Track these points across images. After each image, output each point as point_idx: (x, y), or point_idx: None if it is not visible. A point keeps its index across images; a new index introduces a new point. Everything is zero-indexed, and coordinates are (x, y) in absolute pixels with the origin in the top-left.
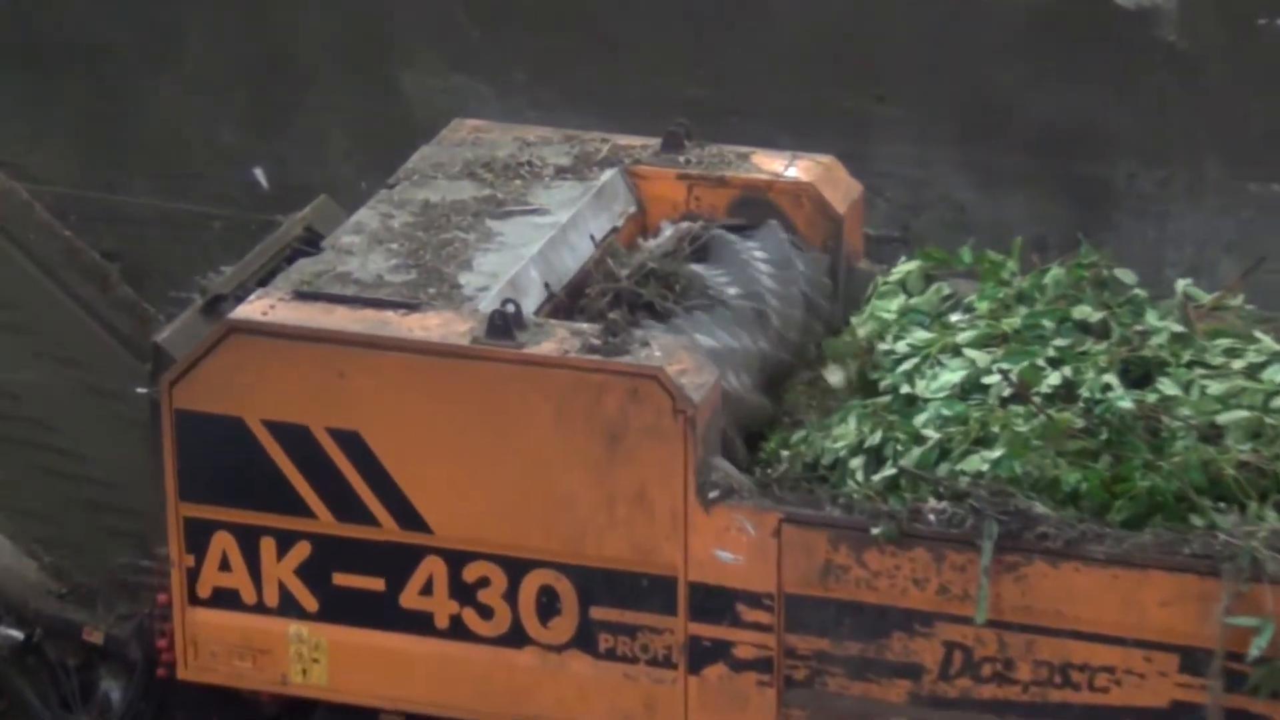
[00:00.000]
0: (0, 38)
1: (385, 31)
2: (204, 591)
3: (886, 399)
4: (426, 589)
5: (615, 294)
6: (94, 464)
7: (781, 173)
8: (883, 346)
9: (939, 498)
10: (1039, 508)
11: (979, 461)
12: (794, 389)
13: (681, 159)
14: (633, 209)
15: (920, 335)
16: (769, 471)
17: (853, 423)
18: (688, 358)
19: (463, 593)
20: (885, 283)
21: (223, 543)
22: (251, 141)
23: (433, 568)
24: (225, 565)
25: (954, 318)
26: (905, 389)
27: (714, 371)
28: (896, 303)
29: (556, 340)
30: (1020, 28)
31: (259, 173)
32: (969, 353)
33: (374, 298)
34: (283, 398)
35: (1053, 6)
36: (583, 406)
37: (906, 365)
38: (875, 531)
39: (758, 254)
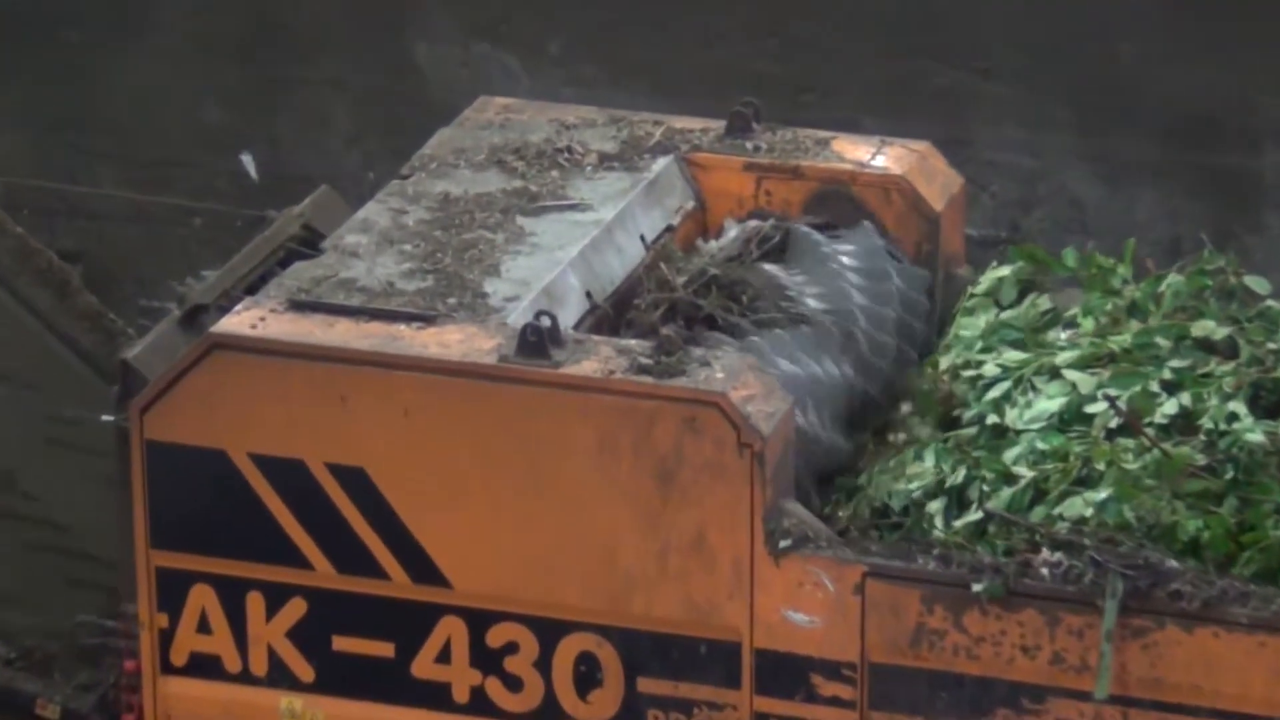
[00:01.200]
0: None
1: None
2: (179, 657)
3: (971, 431)
4: (443, 655)
5: (669, 305)
6: (50, 504)
7: (867, 162)
8: (967, 372)
9: (1035, 547)
10: (1171, 561)
11: (1081, 505)
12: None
13: (749, 145)
14: (691, 204)
15: (1012, 355)
16: (831, 518)
17: (930, 460)
18: (756, 381)
19: (486, 660)
20: (973, 294)
21: (202, 598)
22: (238, 123)
23: (451, 630)
24: (204, 626)
25: (1053, 335)
26: (993, 419)
27: (786, 398)
28: (985, 319)
29: (599, 359)
30: None
31: (247, 159)
32: (1070, 375)
33: (383, 309)
34: (274, 427)
35: None
36: (630, 438)
37: (995, 391)
38: (977, 589)
39: (847, 261)
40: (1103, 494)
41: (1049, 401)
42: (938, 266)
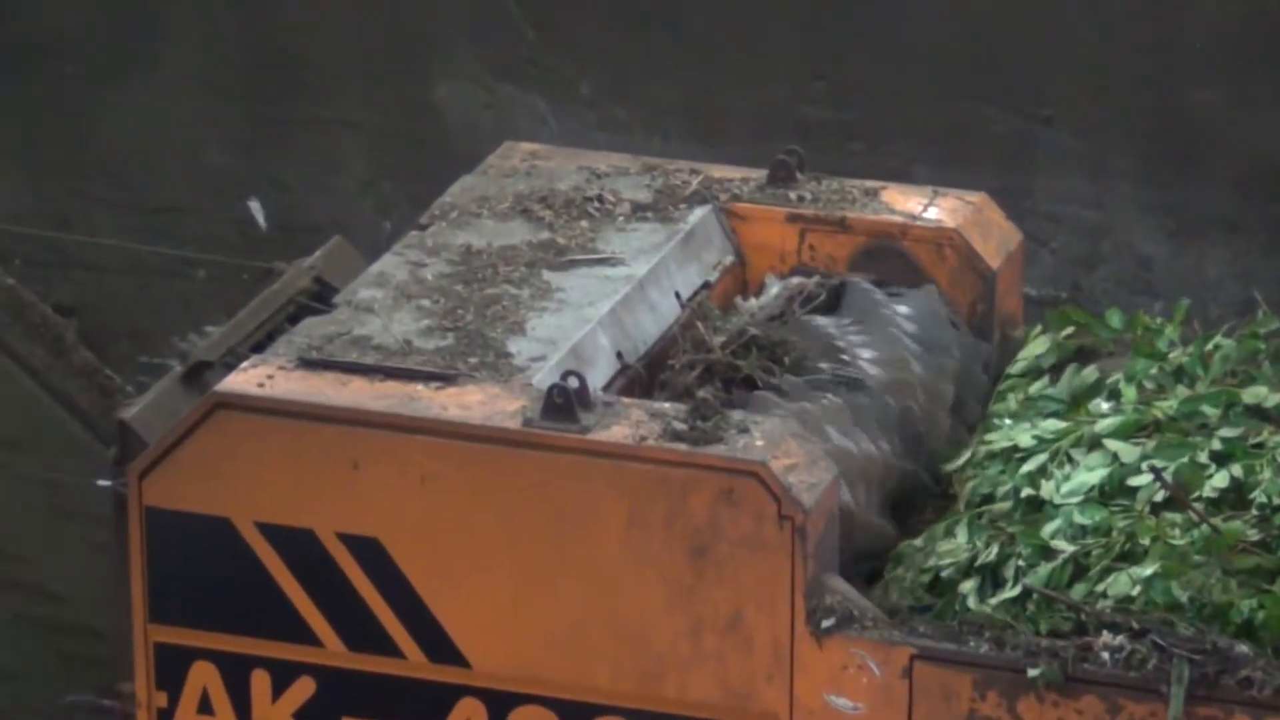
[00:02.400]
0: None
1: (416, 29)
2: None
3: (1006, 505)
4: None
5: (706, 367)
6: (41, 573)
7: (919, 214)
8: (1000, 444)
9: (1081, 628)
10: (1241, 646)
11: (1127, 582)
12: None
13: (792, 195)
14: (729, 259)
15: (1049, 425)
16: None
17: (962, 536)
18: (798, 449)
19: None
20: (1010, 375)
21: (203, 677)
22: (245, 167)
23: (470, 713)
24: (206, 705)
25: (1095, 404)
26: (1028, 491)
27: (830, 468)
28: (1017, 398)
29: (630, 424)
30: (1225, 35)
31: (255, 206)
32: (1111, 445)
33: (400, 367)
34: (282, 493)
35: (1267, 9)
36: (663, 509)
37: (1030, 464)
38: (1034, 674)
39: (908, 326)
40: (1149, 570)
41: (1089, 474)
42: (993, 328)
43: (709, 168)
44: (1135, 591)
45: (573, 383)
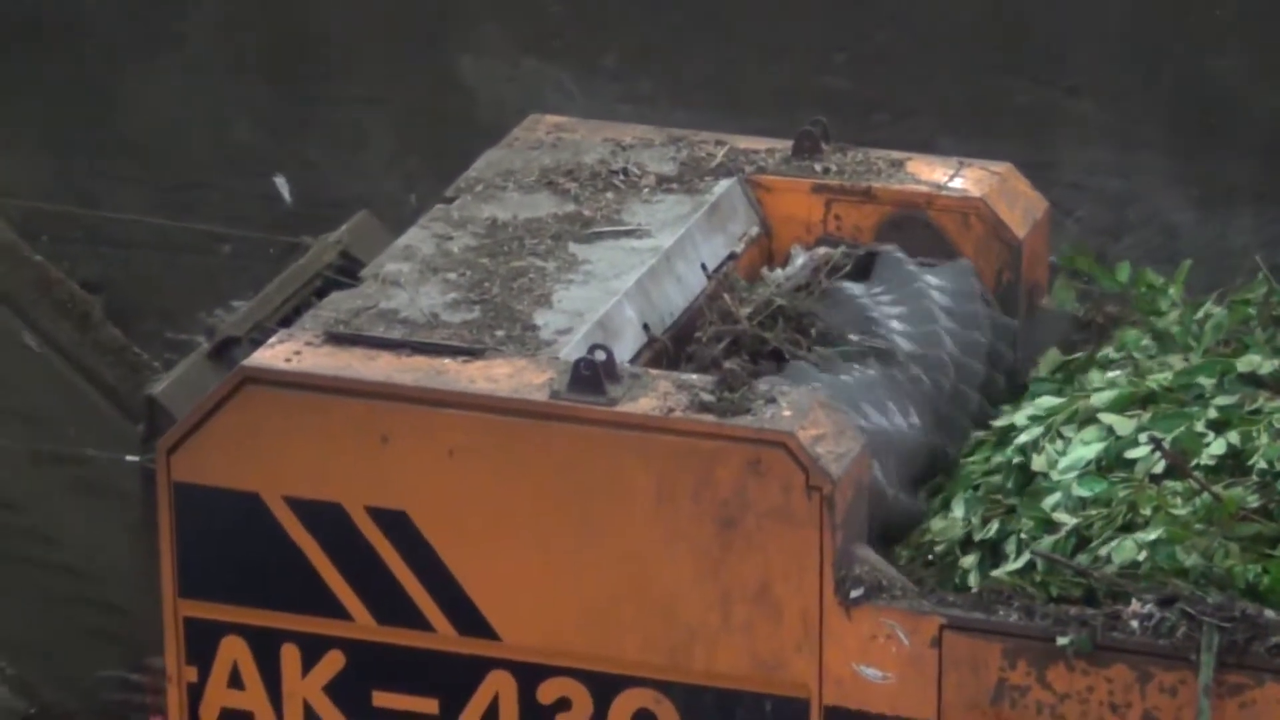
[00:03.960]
0: None
1: (440, 4)
2: (209, 714)
3: (998, 479)
4: (491, 712)
5: (733, 338)
6: (70, 550)
7: (945, 184)
8: (999, 425)
9: (1089, 594)
10: (1270, 612)
11: (1132, 548)
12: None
13: (818, 167)
14: (755, 230)
15: (1044, 402)
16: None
17: (959, 510)
18: (825, 419)
19: (537, 717)
20: (1037, 378)
21: (233, 651)
22: (270, 143)
23: (499, 685)
24: (236, 680)
25: (1091, 376)
26: (1018, 460)
27: (858, 437)
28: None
29: (658, 395)
30: (1250, 3)
31: (280, 182)
32: (1106, 418)
33: (427, 341)
34: (310, 468)
35: None
36: (690, 480)
37: (1024, 437)
38: (1063, 642)
39: (940, 299)
40: (1153, 535)
41: (1085, 448)
42: (1020, 298)
43: (734, 139)
44: (1141, 557)
45: (600, 355)
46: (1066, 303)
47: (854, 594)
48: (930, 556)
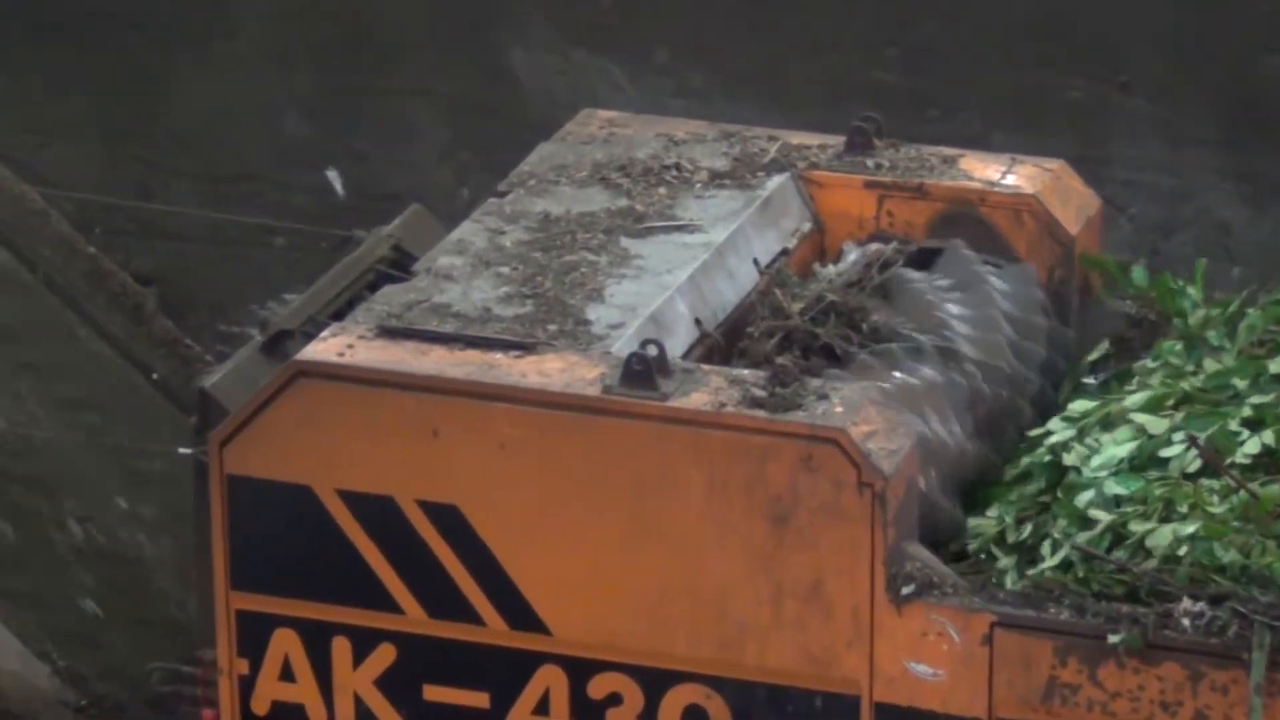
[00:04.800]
0: (7, 6)
1: None
2: (260, 706)
3: (1032, 478)
4: (542, 707)
5: (785, 334)
6: (123, 542)
7: (997, 181)
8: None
9: (1131, 592)
10: None
11: (1168, 536)
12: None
13: (870, 163)
14: (807, 226)
15: (1079, 405)
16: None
17: (993, 511)
18: (877, 416)
19: (587, 712)
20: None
21: (285, 644)
22: (322, 136)
23: (550, 679)
24: (288, 673)
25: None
26: (1048, 458)
27: (910, 434)
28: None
29: (709, 391)
30: None
31: (333, 176)
32: (1139, 418)
33: (479, 335)
34: (362, 461)
35: None
36: (742, 476)
37: (1055, 438)
38: (1114, 640)
39: (1003, 305)
40: (1190, 528)
41: (1117, 447)
42: (1072, 294)
43: (787, 134)
44: (1182, 551)
45: (652, 350)
46: (1111, 301)
47: (905, 591)
48: (965, 553)
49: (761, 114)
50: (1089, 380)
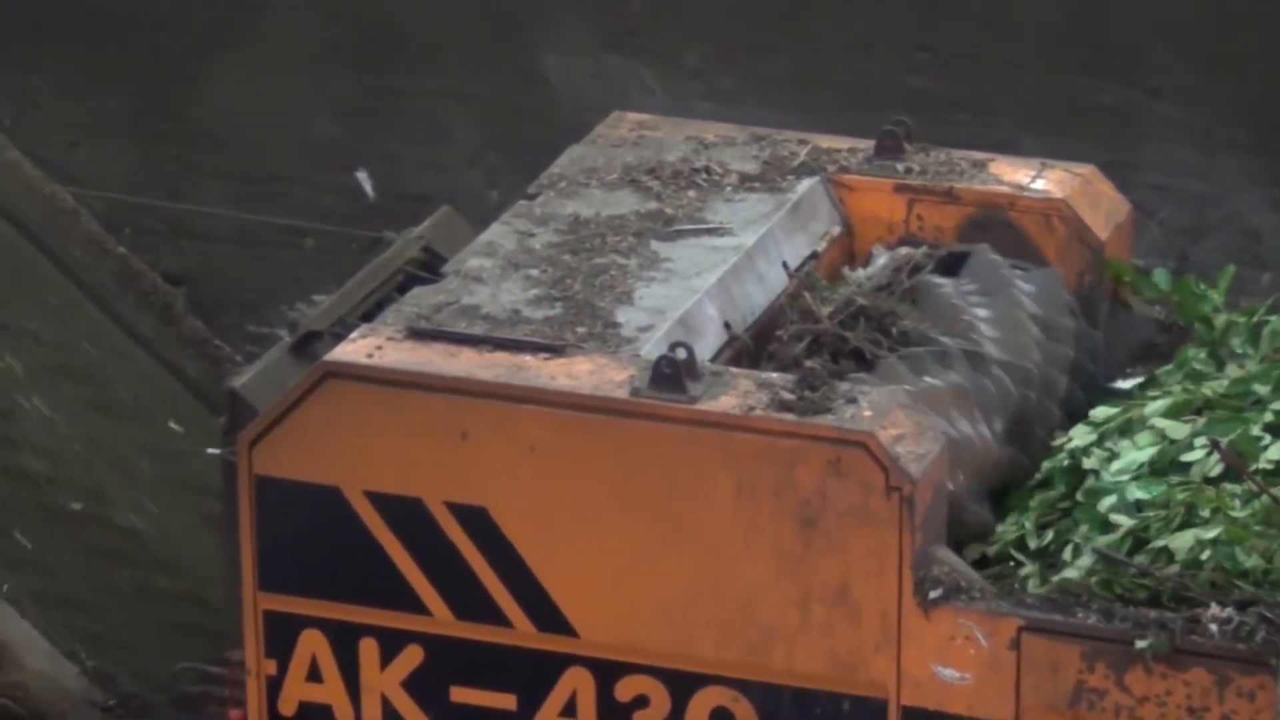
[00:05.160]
0: (41, 7)
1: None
2: (288, 707)
3: (1053, 484)
4: (569, 709)
5: (814, 338)
6: (152, 542)
7: (1027, 185)
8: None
9: (1154, 597)
10: None
11: (1191, 539)
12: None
13: (900, 167)
14: (837, 229)
15: (1100, 412)
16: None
17: (1012, 516)
18: (906, 419)
19: (615, 714)
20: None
21: (312, 645)
22: (352, 137)
23: (577, 681)
24: (315, 674)
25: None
26: (1068, 463)
27: (938, 438)
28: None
29: (738, 394)
30: None
31: (363, 177)
32: (1160, 423)
33: (508, 338)
34: (391, 462)
35: None
36: (770, 479)
37: (1076, 443)
38: (1142, 645)
39: (1030, 307)
40: (1212, 532)
41: (1138, 452)
42: (1101, 299)
43: (817, 138)
44: (1205, 556)
45: (681, 353)
46: (1140, 306)
47: (933, 595)
48: (987, 559)
49: (792, 117)
50: (1121, 385)
